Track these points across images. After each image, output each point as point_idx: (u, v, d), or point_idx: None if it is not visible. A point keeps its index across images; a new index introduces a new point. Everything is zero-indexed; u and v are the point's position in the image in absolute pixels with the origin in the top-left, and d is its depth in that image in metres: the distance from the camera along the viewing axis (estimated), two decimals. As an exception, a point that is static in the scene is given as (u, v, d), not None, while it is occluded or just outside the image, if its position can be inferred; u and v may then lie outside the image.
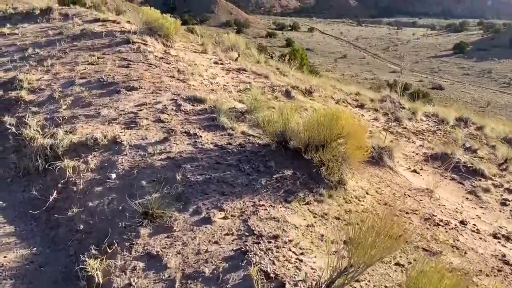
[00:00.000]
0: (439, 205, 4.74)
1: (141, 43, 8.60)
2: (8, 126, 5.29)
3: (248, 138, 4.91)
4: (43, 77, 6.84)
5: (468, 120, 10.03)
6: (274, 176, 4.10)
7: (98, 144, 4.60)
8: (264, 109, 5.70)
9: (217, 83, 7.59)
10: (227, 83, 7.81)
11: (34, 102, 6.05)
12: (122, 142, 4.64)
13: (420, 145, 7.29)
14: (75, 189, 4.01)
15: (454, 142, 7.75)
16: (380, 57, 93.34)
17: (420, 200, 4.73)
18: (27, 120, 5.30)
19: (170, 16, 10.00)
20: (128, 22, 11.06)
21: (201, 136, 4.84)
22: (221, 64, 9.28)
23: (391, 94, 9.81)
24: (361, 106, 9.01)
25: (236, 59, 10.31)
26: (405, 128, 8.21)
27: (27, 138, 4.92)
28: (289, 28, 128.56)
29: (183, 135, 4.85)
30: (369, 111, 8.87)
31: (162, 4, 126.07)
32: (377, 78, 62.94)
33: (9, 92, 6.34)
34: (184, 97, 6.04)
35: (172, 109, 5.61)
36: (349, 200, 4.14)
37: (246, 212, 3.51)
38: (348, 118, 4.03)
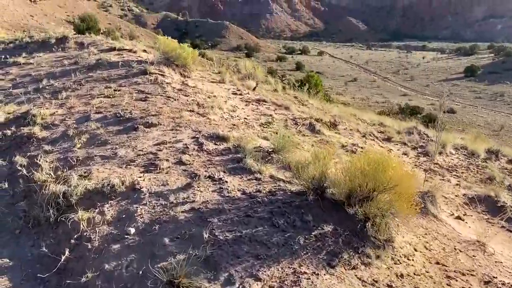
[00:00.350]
0: (496, 262, 4.20)
1: (159, 74, 8.31)
2: (19, 168, 4.93)
3: (278, 184, 4.46)
4: (57, 111, 6.53)
5: (499, 152, 9.50)
6: (313, 233, 3.62)
7: (115, 191, 4.19)
8: (292, 148, 5.27)
9: (237, 116, 7.21)
10: (247, 116, 7.43)
11: (47, 140, 5.70)
12: (141, 189, 4.22)
13: (457, 184, 6.76)
14: (89, 246, 3.57)
15: (491, 180, 7.21)
16: (390, 80, 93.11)
17: (474, 256, 4.19)
18: (39, 161, 4.94)
19: (186, 44, 9.78)
20: (145, 51, 10.87)
21: (226, 182, 4.40)
22: (240, 94, 8.94)
23: (418, 126, 9.33)
24: (388, 140, 8.54)
25: (254, 89, 9.99)
26: (436, 163, 7.70)
27: (39, 182, 4.54)
28: (299, 52, 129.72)
29: (207, 180, 4.42)
30: (397, 144, 8.40)
31: (174, 29, 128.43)
32: (388, 102, 62.49)
33: (22, 128, 6.02)
34: (206, 135, 5.64)
35: (194, 148, 5.21)
36: (398, 260, 3.63)
37: (286, 282, 3.02)
38: (396, 167, 3.58)
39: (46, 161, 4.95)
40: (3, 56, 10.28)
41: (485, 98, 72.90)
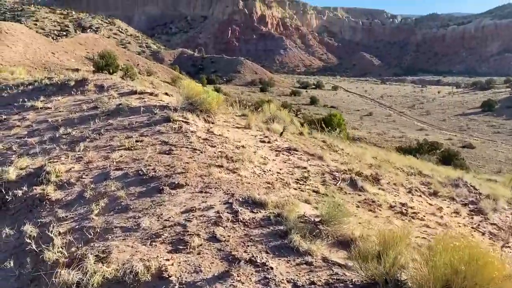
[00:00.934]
0: None
1: (183, 121, 7.73)
2: (27, 240, 4.26)
3: (335, 270, 3.66)
4: (73, 167, 5.92)
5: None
6: None
7: (138, 280, 3.45)
8: (342, 217, 4.50)
9: (270, 170, 6.50)
10: (280, 169, 6.73)
11: (62, 202, 5.06)
12: (170, 278, 3.47)
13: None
14: None
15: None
16: (406, 115, 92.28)
17: None
18: (51, 231, 4.26)
19: (211, 88, 9.29)
20: (166, 94, 10.41)
21: (271, 268, 3.63)
22: (268, 142, 8.28)
23: (464, 177, 8.49)
24: (435, 194, 7.70)
25: (281, 134, 9.35)
26: (494, 224, 6.81)
27: (49, 263, 3.84)
28: (313, 86, 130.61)
29: (248, 265, 3.66)
30: (445, 200, 7.55)
31: (190, 65, 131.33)
32: (405, 136, 61.43)
33: (34, 187, 5.40)
34: (240, 199, 4.92)
35: (228, 218, 4.48)
36: None
37: None
38: (500, 268, 2.78)
39: (59, 233, 4.28)
40: (21, 100, 9.94)
41: (504, 132, 71.35)
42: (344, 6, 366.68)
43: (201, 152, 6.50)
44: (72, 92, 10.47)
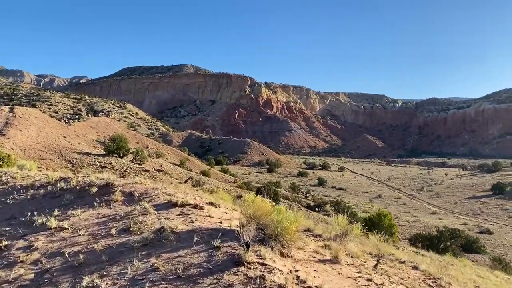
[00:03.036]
0: None
1: (259, 262, 5.43)
2: None
3: None
4: None
5: None
6: None
7: None
8: None
9: None
10: None
11: None
12: None
13: None
14: None
15: None
16: (416, 198, 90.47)
17: None
18: None
19: (283, 207, 7.12)
20: (212, 204, 8.24)
21: None
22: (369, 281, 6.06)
23: None
24: None
25: (375, 266, 7.16)
26: None
27: None
28: (320, 167, 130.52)
29: None
30: None
31: (198, 146, 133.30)
32: (419, 221, 59.24)
33: None
34: None
35: None
36: None
37: None
38: None
39: None
40: (29, 213, 7.70)
41: (519, 217, 69.06)
42: (346, 91, 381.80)
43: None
44: (95, 203, 8.29)
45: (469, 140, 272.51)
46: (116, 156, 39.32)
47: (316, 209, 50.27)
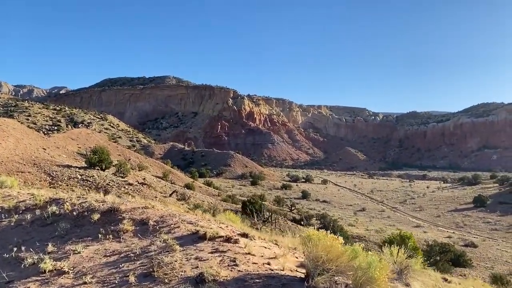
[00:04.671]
0: None
1: None
2: None
3: None
4: None
5: None
6: None
7: None
8: None
9: None
10: None
11: None
12: None
13: None
14: None
15: None
16: (399, 210, 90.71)
17: None
18: None
19: (354, 247, 5.88)
20: (246, 236, 6.75)
21: None
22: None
23: None
24: None
25: None
26: None
27: None
28: (303, 180, 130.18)
29: None
30: None
31: (180, 159, 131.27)
32: (404, 234, 59.21)
33: None
34: None
35: None
36: None
37: None
38: None
39: None
40: (14, 248, 6.05)
41: (501, 230, 69.71)
42: (328, 104, 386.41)
43: None
44: (99, 235, 6.81)
45: (448, 153, 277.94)
46: (98, 169, 37.81)
47: (302, 222, 49.51)
